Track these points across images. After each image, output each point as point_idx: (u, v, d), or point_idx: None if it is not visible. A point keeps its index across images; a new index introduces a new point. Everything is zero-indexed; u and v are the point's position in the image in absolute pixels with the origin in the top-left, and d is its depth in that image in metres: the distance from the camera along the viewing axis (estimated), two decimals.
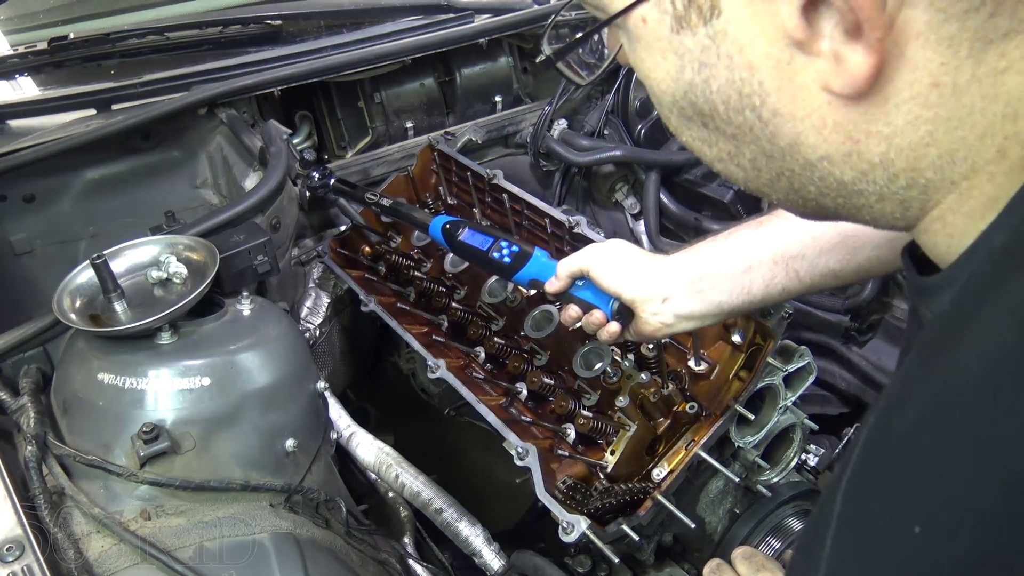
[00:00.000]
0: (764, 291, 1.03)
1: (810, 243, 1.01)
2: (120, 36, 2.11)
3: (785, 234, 1.03)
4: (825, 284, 1.05)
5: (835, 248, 1.00)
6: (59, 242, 1.80)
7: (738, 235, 1.06)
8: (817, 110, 0.51)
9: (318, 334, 1.78)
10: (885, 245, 0.99)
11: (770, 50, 0.50)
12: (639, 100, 2.45)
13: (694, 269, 1.05)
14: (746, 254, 1.04)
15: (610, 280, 1.10)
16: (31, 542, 1.01)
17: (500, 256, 1.29)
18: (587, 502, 1.26)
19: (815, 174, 0.54)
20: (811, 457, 1.58)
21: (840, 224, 0.97)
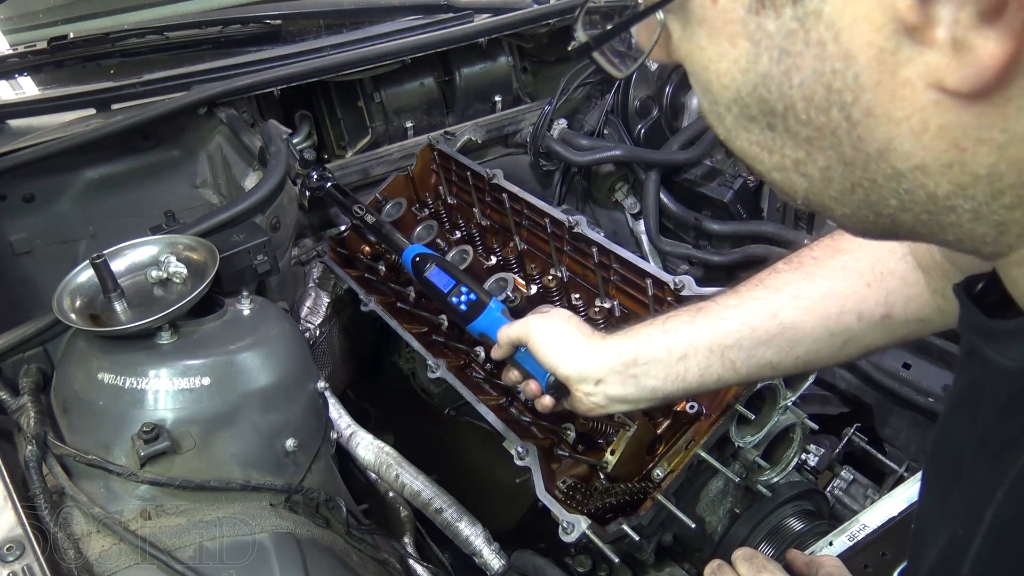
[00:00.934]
0: (699, 379, 1.02)
1: (747, 333, 0.99)
2: (120, 36, 2.10)
3: (723, 323, 1.01)
4: (762, 375, 1.04)
5: (773, 339, 0.98)
6: (59, 242, 1.80)
7: (676, 321, 1.04)
8: (920, 111, 0.43)
9: (318, 334, 1.78)
10: (825, 339, 0.97)
11: (873, 37, 0.42)
12: (639, 100, 2.45)
13: (629, 354, 1.04)
14: (683, 341, 1.02)
15: (546, 356, 1.10)
16: (31, 542, 1.00)
17: (458, 302, 1.30)
18: (587, 502, 1.26)
19: (902, 186, 0.46)
20: (811, 457, 1.58)
21: (780, 315, 0.97)
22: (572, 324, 1.12)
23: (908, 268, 0.94)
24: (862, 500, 1.65)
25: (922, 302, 0.93)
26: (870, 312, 0.95)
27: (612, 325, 1.49)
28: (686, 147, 2.28)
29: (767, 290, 1.00)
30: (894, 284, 0.94)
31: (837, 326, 0.96)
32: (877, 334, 0.96)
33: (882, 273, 0.95)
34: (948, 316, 0.92)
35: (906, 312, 0.94)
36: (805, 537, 1.34)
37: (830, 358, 1.00)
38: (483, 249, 1.76)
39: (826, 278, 0.97)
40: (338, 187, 1.85)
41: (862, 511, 1.16)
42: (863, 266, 0.96)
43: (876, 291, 0.95)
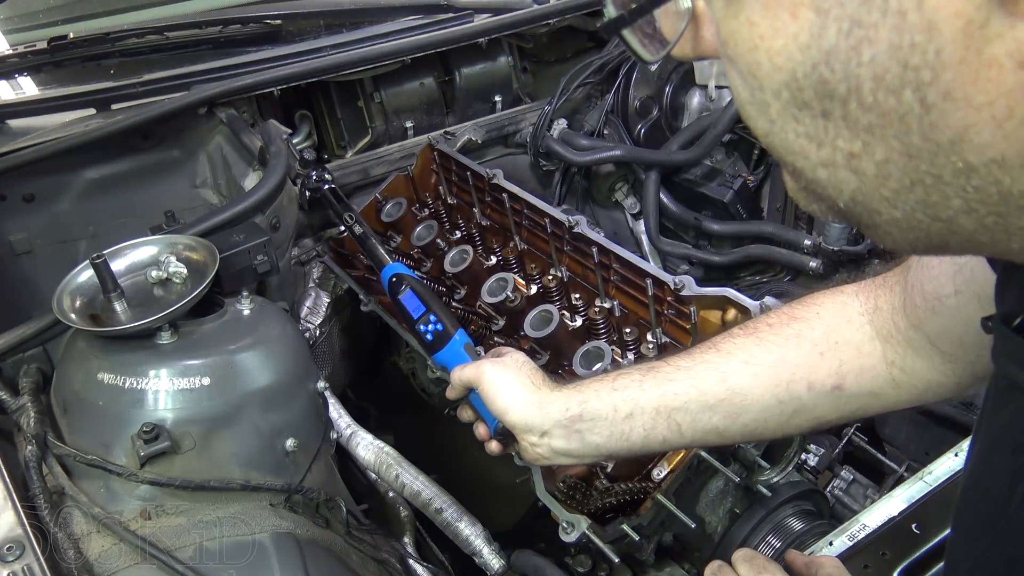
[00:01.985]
0: (643, 440, 1.01)
1: (695, 396, 0.98)
2: (120, 36, 2.10)
3: (671, 384, 1.00)
4: (708, 441, 1.03)
5: (720, 404, 0.97)
6: (59, 242, 1.80)
7: (626, 379, 1.03)
8: (1006, 95, 0.38)
9: (318, 334, 1.78)
10: (773, 408, 0.95)
11: (963, 6, 0.37)
12: (639, 100, 2.45)
13: (576, 409, 1.03)
14: (630, 401, 1.01)
15: (494, 403, 1.11)
16: (31, 542, 1.00)
17: (424, 330, 1.31)
18: (587, 502, 1.26)
19: (971, 182, 0.42)
20: (811, 457, 1.58)
21: (730, 380, 0.96)
22: (524, 372, 1.12)
23: (864, 338, 0.92)
24: (862, 500, 1.65)
25: (875, 374, 0.91)
26: (821, 382, 0.93)
27: (612, 325, 1.49)
28: (686, 147, 2.28)
29: (719, 354, 0.99)
30: (848, 354, 0.93)
31: (786, 395, 0.95)
32: (827, 406, 0.94)
33: (836, 343, 0.93)
34: (903, 391, 0.91)
35: (858, 384, 0.92)
36: (805, 537, 1.34)
37: (777, 428, 0.98)
38: (483, 249, 1.76)
39: (779, 345, 0.96)
40: (334, 191, 1.85)
41: (862, 511, 1.16)
42: (817, 335, 0.94)
43: (828, 361, 0.93)
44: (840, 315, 0.94)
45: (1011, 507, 0.52)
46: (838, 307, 0.95)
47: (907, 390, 0.91)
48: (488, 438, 1.20)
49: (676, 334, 1.43)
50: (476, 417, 1.23)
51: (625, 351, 1.43)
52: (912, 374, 0.89)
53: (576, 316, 1.51)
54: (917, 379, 0.90)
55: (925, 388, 0.90)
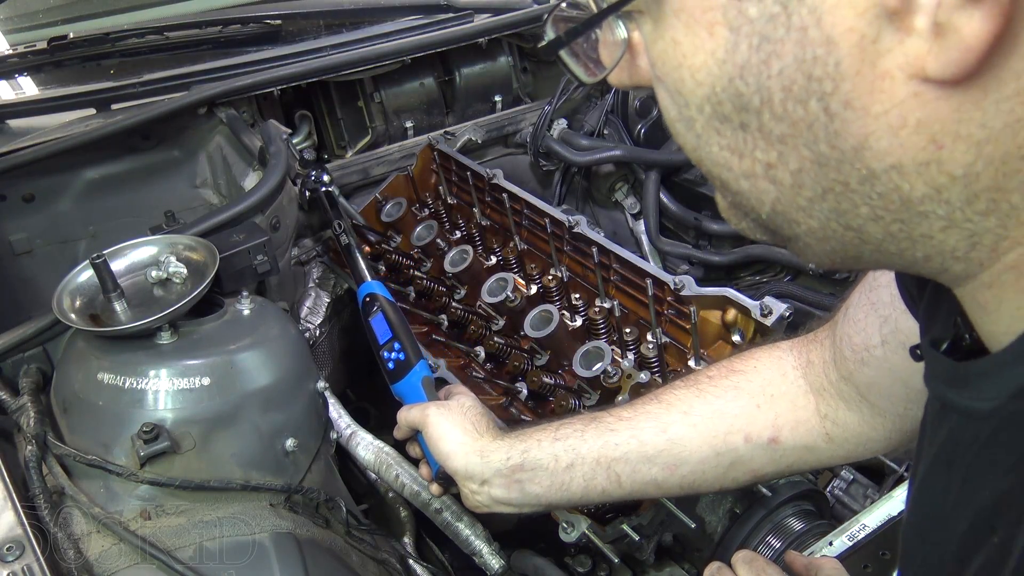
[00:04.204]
0: (583, 491, 1.02)
1: (635, 447, 0.99)
2: (120, 36, 2.10)
3: (612, 435, 1.01)
4: (646, 492, 1.03)
5: (659, 455, 0.98)
6: (59, 242, 1.80)
7: (568, 429, 1.04)
8: (899, 105, 0.41)
9: (318, 334, 1.78)
10: (711, 459, 0.97)
11: (855, 22, 0.40)
12: (639, 100, 2.45)
13: (517, 458, 1.05)
14: (571, 451, 1.02)
15: (436, 448, 1.14)
16: (31, 542, 1.00)
17: (388, 357, 1.32)
18: None
19: (875, 188, 0.44)
20: None
21: (669, 431, 0.97)
22: (468, 418, 1.14)
23: (798, 392, 0.94)
24: (862, 500, 1.65)
25: (809, 427, 0.93)
26: (757, 434, 0.95)
27: (612, 325, 1.49)
28: None
29: (660, 405, 1.00)
30: (783, 407, 0.94)
31: (724, 446, 0.96)
32: (764, 458, 0.96)
33: (772, 395, 0.95)
34: (835, 445, 0.92)
35: (794, 437, 0.94)
36: (805, 537, 1.34)
37: (715, 481, 0.99)
38: (483, 249, 1.76)
39: (718, 397, 0.98)
40: (329, 195, 1.84)
41: (862, 511, 1.16)
42: (754, 387, 0.96)
43: (765, 413, 0.95)
44: (775, 368, 0.97)
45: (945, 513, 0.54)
46: (774, 361, 0.97)
47: (840, 444, 0.93)
48: (429, 479, 1.24)
49: (676, 334, 1.43)
50: (421, 456, 1.26)
51: (625, 351, 1.43)
52: (844, 428, 0.91)
53: (576, 316, 1.51)
54: (849, 433, 0.91)
55: (857, 443, 0.92)
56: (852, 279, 2.04)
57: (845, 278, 2.05)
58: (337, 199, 1.85)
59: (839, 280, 2.07)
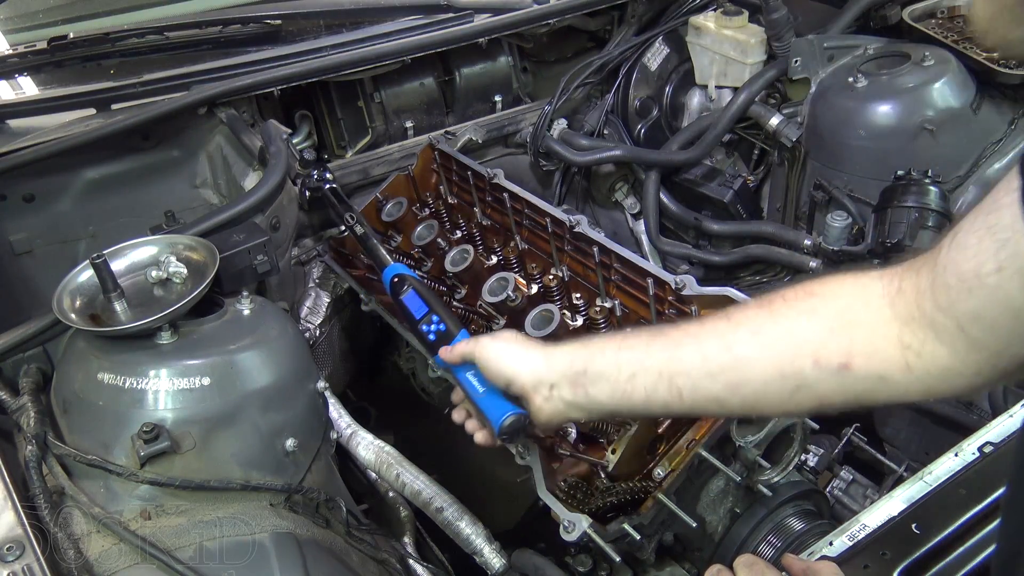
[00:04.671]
0: (645, 402, 1.01)
1: (699, 363, 0.98)
2: (120, 36, 2.10)
3: (678, 349, 1.00)
4: (708, 409, 1.02)
5: (722, 372, 0.96)
6: (59, 242, 1.80)
7: (634, 340, 1.03)
8: None
9: (318, 334, 1.78)
10: (775, 381, 0.94)
11: None
12: (639, 100, 2.45)
13: (580, 364, 1.04)
14: (635, 361, 1.01)
15: (499, 370, 1.11)
16: (31, 542, 1.00)
17: (427, 331, 1.30)
18: (588, 501, 1.26)
19: None
20: (811, 457, 1.58)
21: (735, 348, 0.95)
22: (519, 338, 1.13)
23: (880, 320, 0.91)
24: (862, 500, 1.65)
25: (887, 356, 0.90)
26: (827, 359, 0.92)
27: (613, 325, 1.49)
28: (686, 147, 2.28)
29: (728, 323, 0.99)
30: (860, 334, 0.92)
31: (790, 368, 0.94)
32: (831, 384, 0.93)
33: (849, 321, 0.92)
34: (914, 378, 0.89)
35: (868, 365, 0.91)
36: (805, 537, 1.34)
37: (779, 404, 0.97)
38: (484, 249, 1.76)
39: (790, 319, 0.95)
40: (335, 191, 1.85)
41: (862, 511, 1.16)
42: (831, 311, 0.93)
43: (839, 338, 0.92)
44: (858, 295, 0.93)
45: None
46: (858, 288, 0.94)
47: (919, 377, 0.89)
48: (489, 442, 1.20)
49: None
50: (469, 415, 1.22)
51: None
52: (929, 360, 0.88)
53: (577, 316, 1.51)
54: (933, 366, 0.88)
55: (939, 377, 0.88)
56: None
57: None
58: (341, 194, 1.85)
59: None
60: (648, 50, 2.43)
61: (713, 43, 2.28)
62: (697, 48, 2.34)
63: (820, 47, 2.12)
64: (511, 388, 1.11)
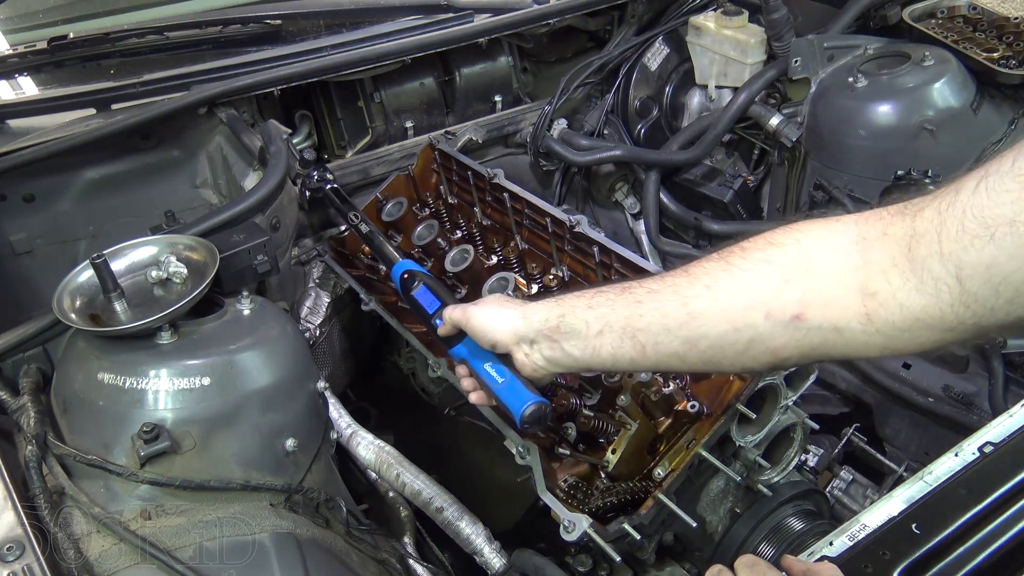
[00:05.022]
0: (613, 358, 1.03)
1: (658, 319, 0.98)
2: (120, 36, 2.10)
3: (639, 306, 1.00)
4: (670, 365, 1.02)
5: (680, 328, 0.97)
6: (59, 242, 1.80)
7: (601, 297, 1.05)
8: None
9: (318, 334, 1.78)
10: (729, 335, 0.93)
11: None
12: (639, 100, 2.45)
13: (554, 320, 1.07)
14: (601, 319, 1.03)
15: (485, 331, 1.14)
16: (31, 542, 1.00)
17: (441, 324, 1.30)
18: (588, 501, 1.26)
19: None
20: (811, 457, 1.58)
21: (691, 304, 0.95)
22: (500, 299, 1.18)
23: (844, 267, 0.87)
24: (862, 500, 1.65)
25: (844, 306, 0.86)
26: (779, 311, 0.89)
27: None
28: (686, 147, 2.28)
29: (687, 277, 0.98)
30: (817, 282, 0.88)
31: (742, 322, 0.92)
32: (784, 337, 0.91)
33: (808, 269, 0.89)
34: (873, 329, 0.85)
35: (822, 316, 0.88)
36: (805, 537, 1.34)
37: (735, 358, 0.96)
38: (484, 248, 1.76)
39: (745, 270, 0.93)
40: (337, 191, 1.85)
41: (862, 511, 1.16)
42: (788, 261, 0.91)
43: (793, 289, 0.89)
44: (822, 241, 0.90)
45: None
46: (825, 233, 0.90)
47: (880, 329, 0.85)
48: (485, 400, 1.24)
49: None
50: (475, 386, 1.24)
51: None
52: (896, 311, 0.83)
53: None
54: (900, 317, 0.83)
55: (904, 329, 0.84)
56: None
57: None
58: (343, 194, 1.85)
59: None
60: (648, 50, 2.43)
61: (713, 43, 2.28)
62: (697, 48, 2.34)
63: (820, 47, 2.12)
64: (497, 349, 1.14)
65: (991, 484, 1.10)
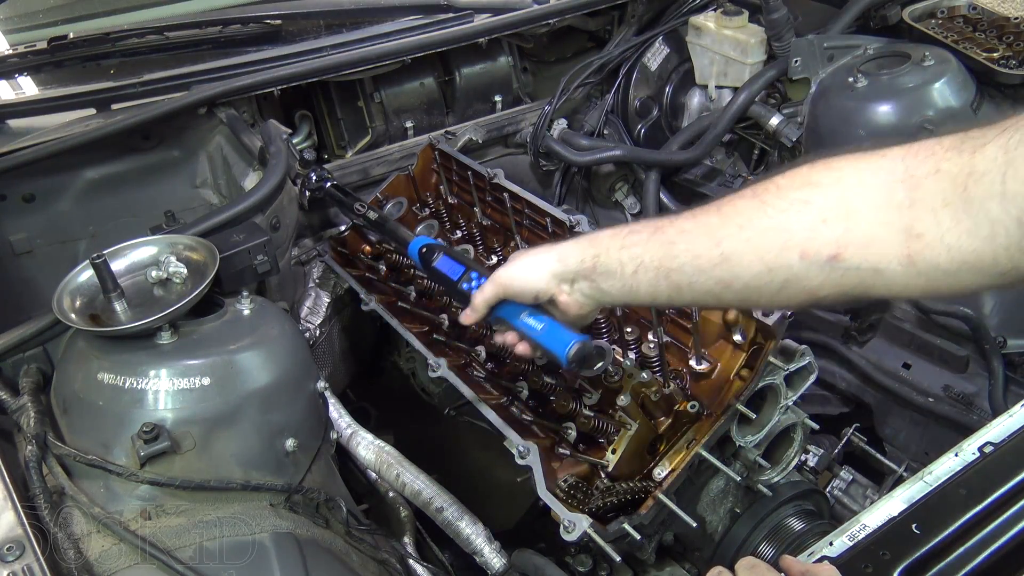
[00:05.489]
0: (650, 295, 1.04)
1: (691, 260, 0.97)
2: (120, 36, 2.10)
3: (671, 247, 1.00)
4: (707, 303, 1.05)
5: (714, 269, 0.96)
6: (59, 242, 1.80)
7: (634, 237, 1.05)
8: None
9: (318, 334, 1.78)
10: (763, 276, 0.92)
11: None
12: (639, 100, 2.45)
13: (590, 261, 1.08)
14: (635, 259, 1.03)
15: (523, 282, 1.15)
16: (31, 542, 1.00)
17: (468, 287, 1.30)
18: (588, 501, 1.26)
19: None
20: (811, 457, 1.58)
21: (723, 244, 0.94)
22: (528, 251, 1.18)
23: (889, 205, 0.83)
24: (862, 500, 1.65)
25: (885, 247, 0.83)
26: (816, 251, 0.87)
27: (613, 323, 1.49)
28: (686, 147, 2.28)
29: (719, 217, 0.97)
30: (858, 222, 0.85)
31: (776, 263, 0.90)
32: (820, 277, 0.88)
33: (848, 210, 0.86)
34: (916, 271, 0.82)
35: (862, 256, 0.85)
36: (805, 537, 1.34)
37: (770, 297, 0.94)
38: (484, 248, 1.76)
39: (781, 211, 0.91)
40: (338, 187, 1.85)
41: (862, 511, 1.16)
42: (828, 201, 0.88)
43: (831, 229, 0.86)
44: (866, 180, 0.86)
45: None
46: (867, 173, 0.87)
47: (923, 271, 0.81)
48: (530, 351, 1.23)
49: (677, 333, 1.43)
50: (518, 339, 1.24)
51: (626, 350, 1.43)
52: (943, 252, 0.80)
53: None
54: (947, 259, 0.79)
55: (950, 273, 0.80)
56: None
57: None
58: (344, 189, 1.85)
59: None
60: (648, 50, 2.43)
61: (713, 43, 2.28)
62: (697, 48, 2.34)
63: (820, 47, 2.12)
64: (540, 299, 1.14)
65: (991, 484, 1.10)
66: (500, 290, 1.18)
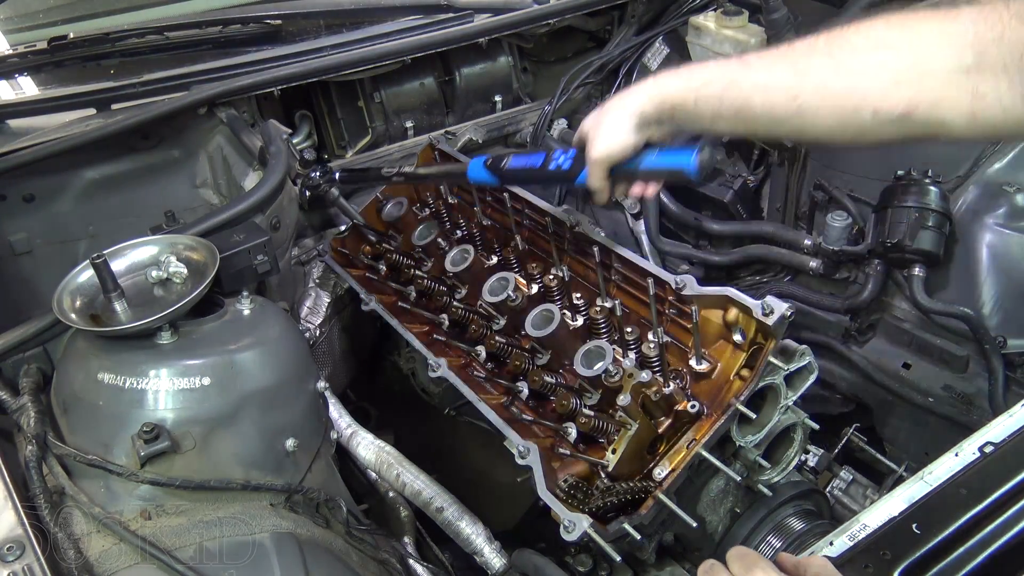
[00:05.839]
0: (729, 132, 1.22)
1: (766, 111, 1.07)
2: (120, 36, 2.10)
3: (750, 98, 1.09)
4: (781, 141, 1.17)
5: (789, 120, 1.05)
6: (59, 242, 1.80)
7: (708, 91, 1.14)
8: None
9: (318, 334, 1.78)
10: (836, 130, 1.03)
11: None
12: None
13: (668, 108, 1.19)
14: (713, 108, 1.13)
15: (623, 152, 1.25)
16: (31, 542, 1.00)
17: (558, 164, 1.31)
18: (588, 501, 1.26)
19: None
20: (811, 457, 1.58)
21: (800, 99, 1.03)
22: (601, 114, 1.27)
23: (959, 69, 0.90)
24: (862, 500, 1.65)
25: (953, 105, 0.91)
26: (888, 109, 0.95)
27: (614, 325, 1.49)
28: None
29: (795, 75, 1.04)
30: (929, 84, 0.92)
31: (850, 119, 0.99)
32: (890, 130, 0.97)
33: (921, 73, 0.93)
34: (976, 124, 0.90)
35: (930, 113, 0.93)
36: (806, 537, 1.34)
37: (843, 143, 1.07)
38: (484, 248, 1.76)
39: (856, 73, 0.98)
40: (347, 169, 1.85)
41: (862, 511, 1.16)
42: (902, 63, 0.94)
43: (904, 89, 0.94)
44: (939, 44, 0.92)
45: None
46: (940, 36, 0.93)
47: (981, 124, 0.91)
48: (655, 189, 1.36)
49: (677, 333, 1.43)
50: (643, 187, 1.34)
51: (626, 350, 1.43)
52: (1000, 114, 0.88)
53: (577, 315, 1.51)
54: (1002, 120, 0.89)
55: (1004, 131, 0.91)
56: (852, 280, 2.05)
57: (845, 278, 2.05)
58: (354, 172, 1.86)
59: (838, 280, 2.07)
60: (648, 50, 2.43)
61: (713, 43, 2.28)
62: (697, 48, 2.34)
63: None
64: (636, 149, 1.25)
65: (991, 484, 1.10)
66: (605, 163, 1.27)
